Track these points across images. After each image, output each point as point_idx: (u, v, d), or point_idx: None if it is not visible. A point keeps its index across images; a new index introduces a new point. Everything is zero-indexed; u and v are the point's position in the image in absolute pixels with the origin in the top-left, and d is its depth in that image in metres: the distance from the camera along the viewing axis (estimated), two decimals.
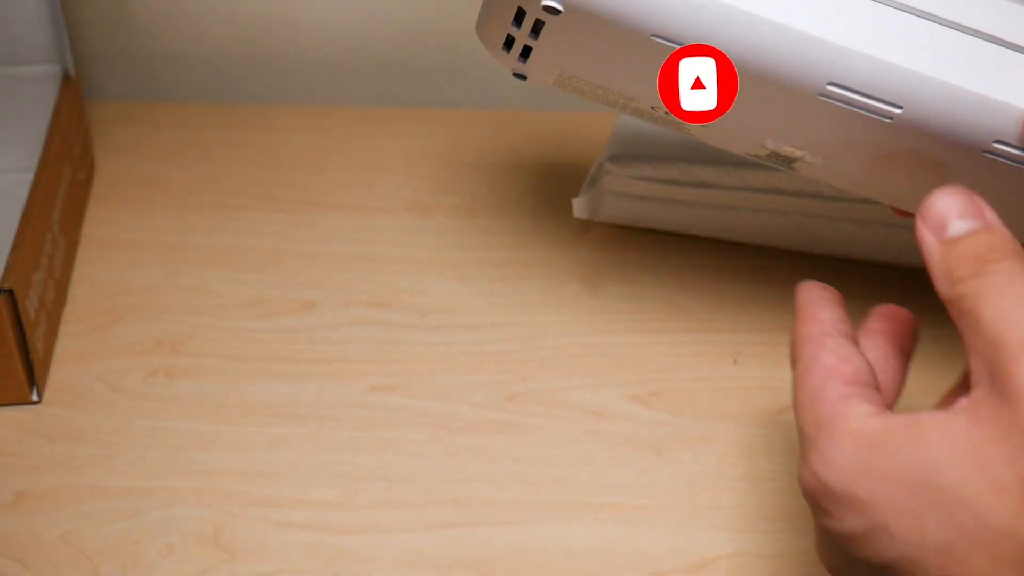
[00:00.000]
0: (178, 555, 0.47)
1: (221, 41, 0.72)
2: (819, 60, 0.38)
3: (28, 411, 0.53)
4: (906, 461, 0.33)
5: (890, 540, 0.33)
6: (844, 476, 0.34)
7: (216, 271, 0.60)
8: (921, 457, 0.33)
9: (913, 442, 0.33)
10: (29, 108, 0.62)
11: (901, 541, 0.33)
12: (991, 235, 0.35)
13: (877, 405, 0.36)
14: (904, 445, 0.33)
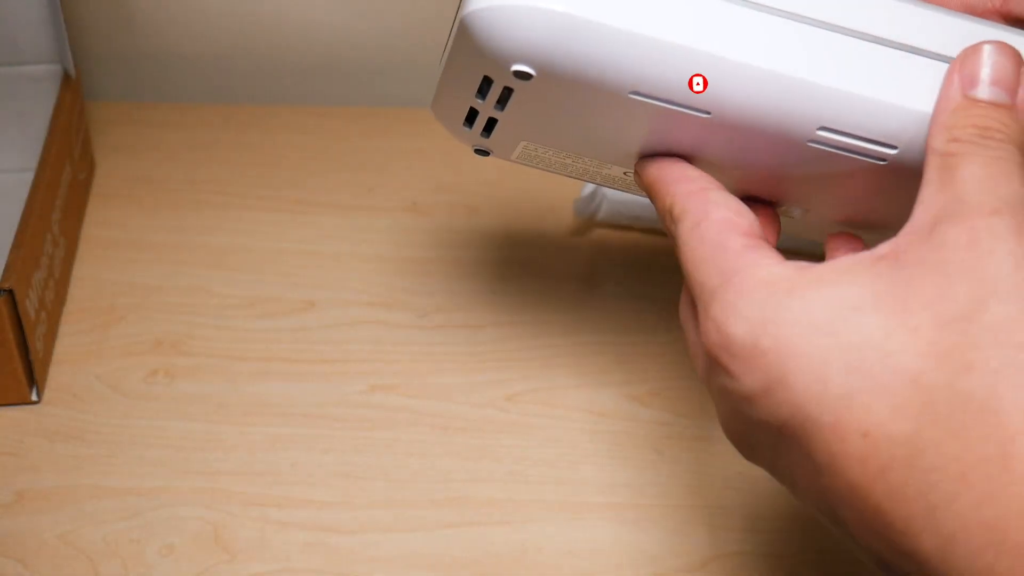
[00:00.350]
0: (178, 555, 0.47)
1: (221, 41, 0.72)
2: (808, 104, 0.36)
3: (28, 411, 0.53)
4: (819, 304, 0.32)
5: (787, 393, 0.32)
6: (751, 326, 0.33)
7: (216, 271, 0.60)
8: (836, 298, 0.32)
9: (828, 284, 0.32)
10: (29, 108, 0.62)
11: (799, 393, 0.31)
12: (1010, 117, 0.34)
13: (780, 255, 0.35)
14: (819, 287, 0.32)
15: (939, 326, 0.30)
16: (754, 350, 0.32)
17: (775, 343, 0.32)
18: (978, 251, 0.31)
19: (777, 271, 0.33)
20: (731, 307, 0.33)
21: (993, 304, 0.30)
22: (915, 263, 0.32)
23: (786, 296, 0.32)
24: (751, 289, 0.33)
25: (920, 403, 0.30)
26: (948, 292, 0.31)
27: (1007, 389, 0.29)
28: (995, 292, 0.30)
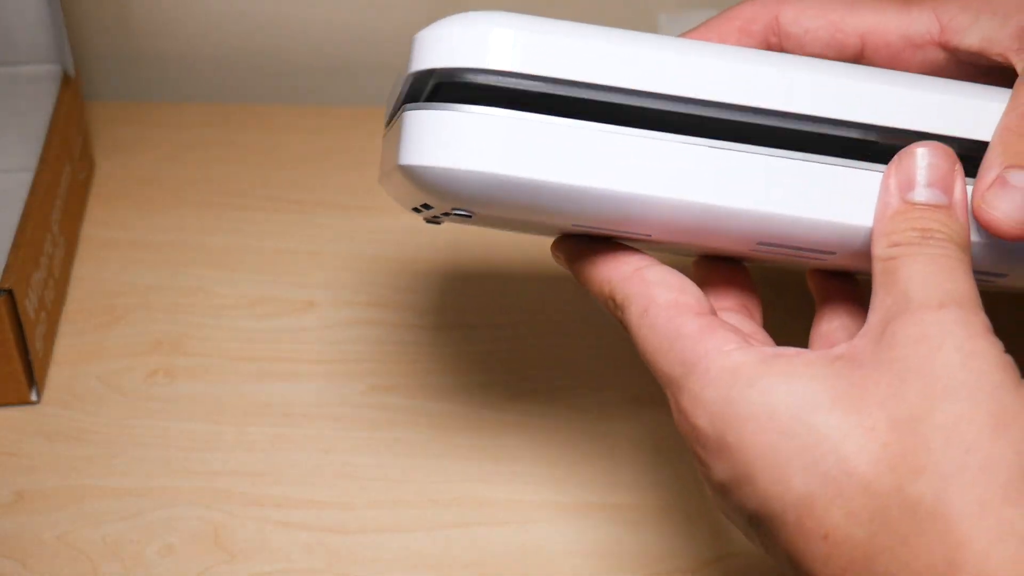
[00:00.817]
0: (178, 555, 0.47)
1: (221, 41, 0.72)
2: (743, 227, 0.36)
3: (27, 411, 0.53)
4: (780, 401, 0.32)
5: (754, 488, 0.32)
6: (717, 421, 0.33)
7: (216, 271, 0.60)
8: (795, 396, 0.32)
9: (786, 379, 0.32)
10: (29, 108, 0.62)
11: (763, 491, 0.32)
12: (949, 217, 0.34)
13: (738, 334, 0.35)
14: (777, 382, 0.32)
15: (893, 426, 0.31)
16: (721, 443, 0.33)
17: (739, 440, 0.33)
18: (927, 346, 0.31)
19: (738, 358, 0.33)
20: (697, 400, 0.34)
21: (943, 403, 0.30)
22: (870, 363, 0.32)
23: (747, 388, 0.33)
24: (714, 380, 0.33)
25: (873, 509, 0.30)
26: (901, 390, 0.31)
27: (955, 495, 0.30)
28: (945, 389, 0.31)
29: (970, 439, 0.30)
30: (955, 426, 0.30)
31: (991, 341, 0.32)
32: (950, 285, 0.33)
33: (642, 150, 0.35)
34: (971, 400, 0.30)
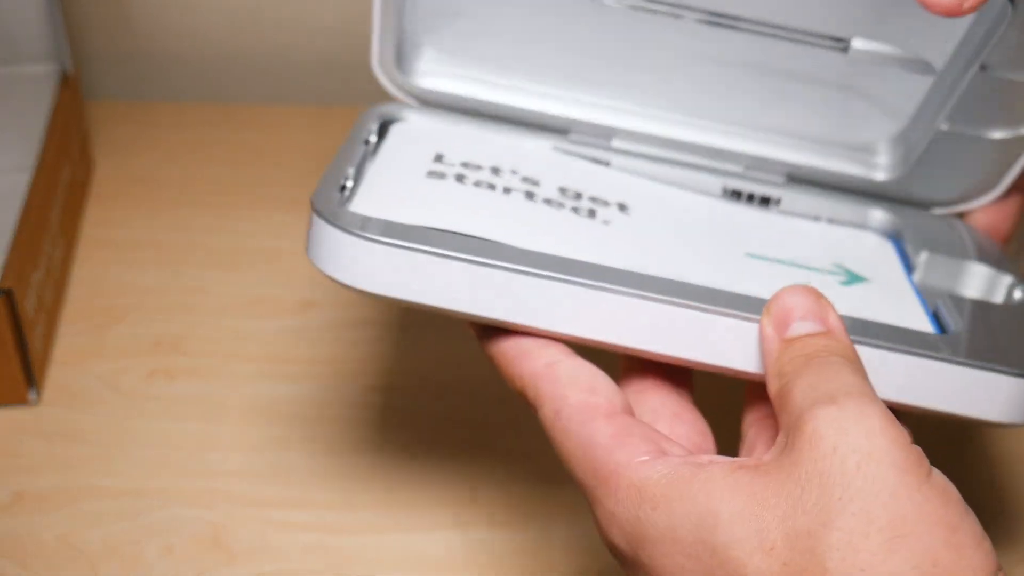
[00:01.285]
0: (178, 555, 0.47)
1: (221, 41, 0.72)
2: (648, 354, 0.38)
3: (27, 411, 0.53)
4: (681, 522, 0.32)
5: None
6: (629, 538, 0.33)
7: (216, 271, 0.60)
8: (697, 515, 0.32)
9: (690, 499, 0.32)
10: (28, 108, 0.62)
11: None
12: (829, 339, 0.35)
13: (651, 440, 0.35)
14: (680, 504, 0.32)
15: (791, 544, 0.30)
16: (636, 560, 0.33)
17: (651, 560, 0.33)
18: (822, 448, 0.31)
19: (645, 474, 0.33)
20: (611, 517, 0.34)
21: (839, 518, 0.30)
22: (773, 470, 0.32)
23: (652, 511, 0.33)
24: (623, 499, 0.33)
25: None
26: (800, 501, 0.31)
27: None
28: (840, 501, 0.30)
29: (864, 559, 0.30)
30: (849, 545, 0.30)
31: (890, 436, 0.31)
32: (840, 382, 0.33)
33: (536, 288, 0.37)
34: (866, 514, 0.30)
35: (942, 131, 0.46)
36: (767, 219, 0.47)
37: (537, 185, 0.44)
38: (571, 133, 0.49)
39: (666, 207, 0.46)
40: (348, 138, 0.44)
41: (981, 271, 0.44)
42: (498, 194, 0.42)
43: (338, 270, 0.38)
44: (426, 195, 0.41)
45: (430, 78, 0.49)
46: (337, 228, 0.37)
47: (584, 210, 0.43)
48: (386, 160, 0.44)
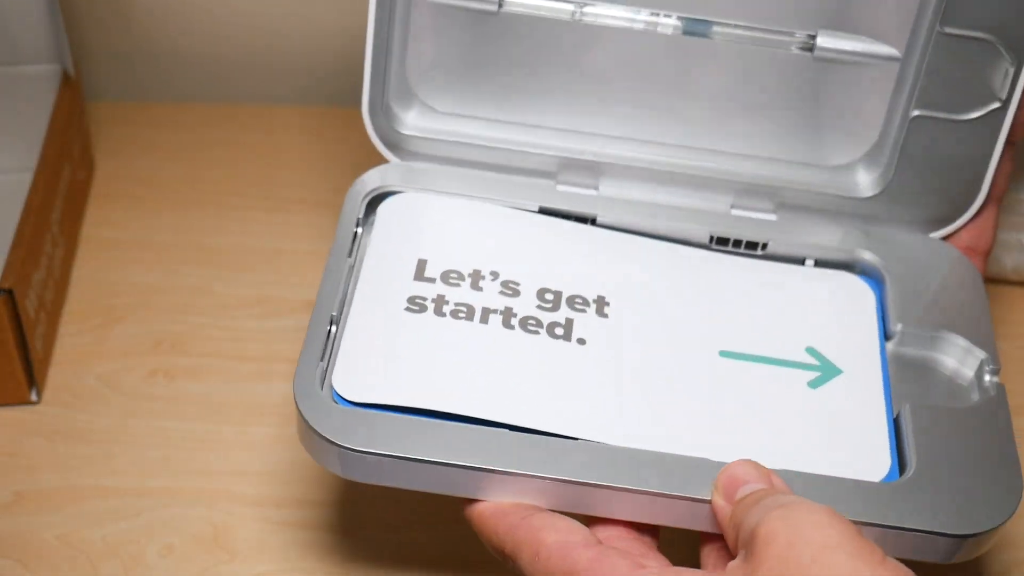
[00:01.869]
0: (178, 555, 0.47)
1: (221, 41, 0.72)
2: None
3: (27, 411, 0.53)
4: None
5: None
6: None
7: (216, 271, 0.60)
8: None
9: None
10: (28, 108, 0.62)
11: None
12: (775, 491, 0.37)
13: (628, 557, 0.37)
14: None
15: None
16: None
17: None
18: (779, 544, 0.34)
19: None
20: None
21: None
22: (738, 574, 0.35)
23: None
24: None
25: None
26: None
27: None
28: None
29: None
30: None
31: (840, 528, 0.34)
32: (787, 498, 0.36)
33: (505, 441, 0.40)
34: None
35: (916, 119, 0.47)
36: (750, 280, 0.48)
37: (517, 296, 0.46)
38: (559, 175, 0.50)
39: (645, 294, 0.47)
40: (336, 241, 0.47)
41: (956, 342, 0.45)
42: (476, 325, 0.44)
43: (329, 465, 0.41)
44: (405, 354, 0.43)
45: (418, 129, 0.51)
46: (324, 440, 0.40)
47: (561, 327, 0.45)
48: (366, 289, 0.45)
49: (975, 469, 0.40)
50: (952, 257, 0.49)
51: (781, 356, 0.45)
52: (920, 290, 0.47)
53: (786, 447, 0.42)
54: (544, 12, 0.48)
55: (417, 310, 0.45)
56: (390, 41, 0.49)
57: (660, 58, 0.49)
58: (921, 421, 0.42)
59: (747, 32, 0.48)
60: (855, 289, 0.48)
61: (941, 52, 0.46)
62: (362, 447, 0.39)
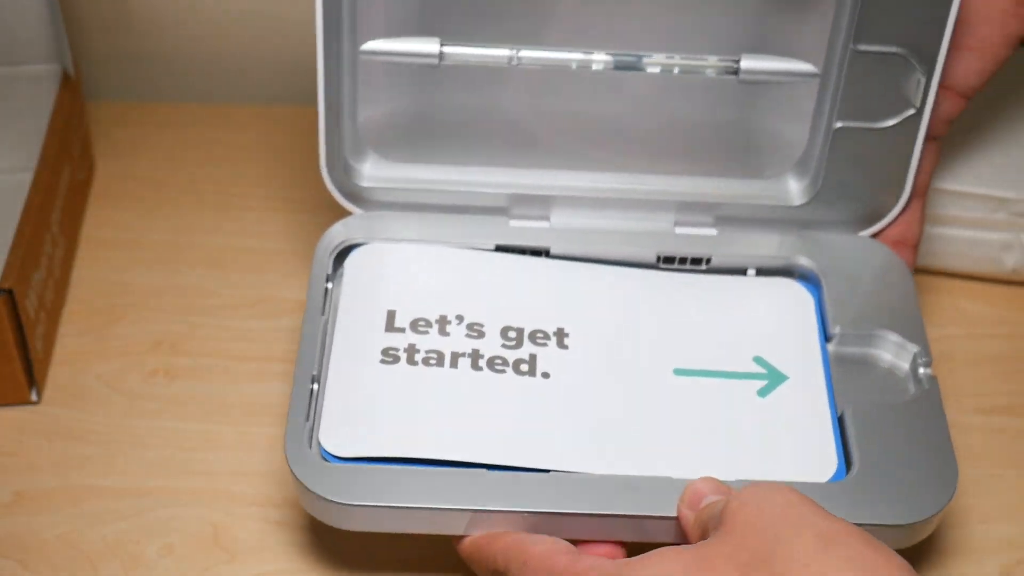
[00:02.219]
0: (178, 555, 0.47)
1: (221, 41, 0.72)
2: None
3: (27, 411, 0.53)
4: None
5: None
6: None
7: (216, 271, 0.60)
8: (656, 573, 0.38)
9: (647, 565, 0.38)
10: (28, 108, 0.62)
11: None
12: (737, 498, 0.39)
13: (603, 556, 0.41)
14: (642, 567, 0.38)
15: (743, 571, 0.36)
16: None
17: None
18: (750, 510, 0.38)
19: (608, 568, 0.39)
20: None
21: (778, 545, 0.36)
22: (713, 540, 0.39)
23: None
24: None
25: None
26: (742, 545, 0.37)
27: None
28: (777, 534, 0.37)
29: (805, 557, 0.36)
30: (790, 555, 0.36)
31: (804, 498, 0.38)
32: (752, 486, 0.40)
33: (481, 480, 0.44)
34: (798, 532, 0.37)
35: (839, 130, 0.50)
36: (698, 295, 0.51)
37: (482, 337, 0.49)
38: (511, 209, 0.53)
39: (601, 322, 0.50)
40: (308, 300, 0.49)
41: (890, 339, 0.48)
42: (447, 371, 0.47)
43: (325, 519, 0.44)
44: (384, 406, 0.46)
45: (375, 180, 0.53)
46: (320, 498, 0.43)
47: (525, 363, 0.48)
48: (342, 345, 0.48)
49: (915, 460, 0.44)
50: (882, 254, 0.52)
51: (731, 368, 0.48)
52: (855, 290, 0.50)
53: (741, 456, 0.45)
54: (483, 60, 0.51)
55: (391, 361, 0.48)
56: (340, 99, 0.52)
57: (597, 92, 0.52)
58: (863, 420, 0.45)
59: (674, 62, 0.51)
60: (795, 294, 0.51)
61: (856, 67, 0.49)
62: (355, 501, 0.43)
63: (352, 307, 0.49)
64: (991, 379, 0.55)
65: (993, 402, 0.54)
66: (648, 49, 0.50)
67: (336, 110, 0.51)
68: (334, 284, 0.51)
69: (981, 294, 0.59)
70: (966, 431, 0.53)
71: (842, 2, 0.49)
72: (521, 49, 0.51)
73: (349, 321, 0.49)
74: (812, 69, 0.50)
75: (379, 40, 0.50)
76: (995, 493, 0.50)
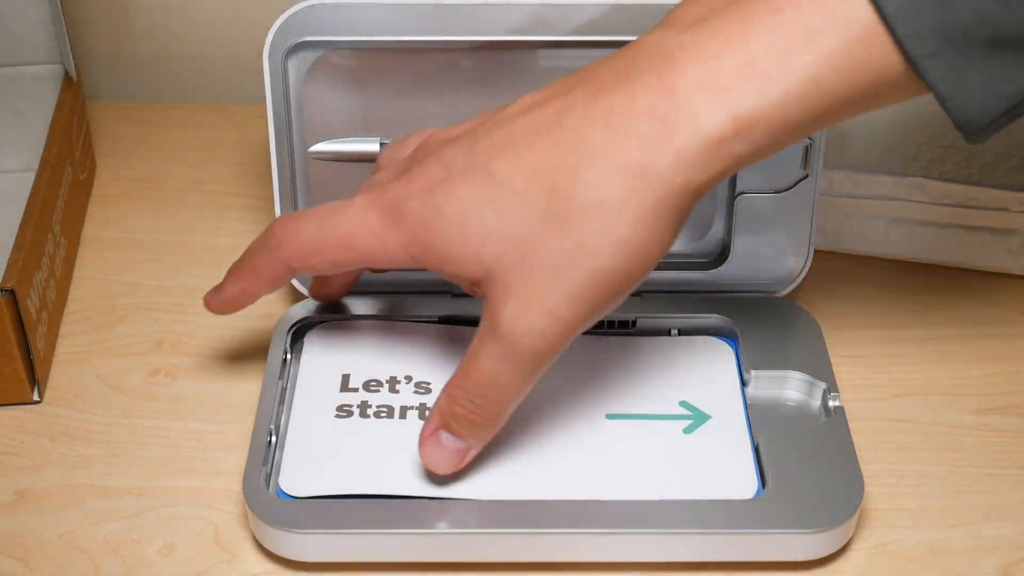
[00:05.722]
0: (178, 555, 0.48)
1: (221, 41, 0.72)
2: None
3: (29, 411, 0.53)
4: None
5: None
6: None
7: (216, 271, 0.60)
8: None
9: None
10: (30, 108, 0.62)
11: None
12: None
13: None
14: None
15: None
16: None
17: None
18: None
19: None
20: None
21: None
22: None
23: None
24: None
25: None
26: None
27: None
28: None
29: None
30: None
31: None
32: None
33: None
34: None
35: (740, 196, 0.54)
36: (627, 354, 0.54)
37: (429, 393, 0.52)
38: (453, 288, 0.54)
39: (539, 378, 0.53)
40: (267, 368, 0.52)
41: (800, 378, 0.52)
42: (396, 422, 0.50)
43: (279, 550, 0.47)
44: (339, 450, 0.49)
45: None
46: (276, 529, 0.46)
47: None
48: (303, 399, 0.51)
49: (824, 476, 0.47)
50: (792, 310, 0.56)
51: (659, 411, 0.51)
52: (768, 341, 0.54)
53: (669, 481, 0.48)
54: None
55: (345, 415, 0.51)
56: (295, 195, 0.56)
57: None
58: (776, 445, 0.49)
59: None
60: (716, 349, 0.54)
61: None
62: (309, 531, 0.46)
63: (310, 373, 0.53)
64: (991, 379, 0.55)
65: (993, 402, 0.54)
66: None
67: (290, 206, 0.56)
68: (292, 355, 0.54)
69: (981, 294, 0.59)
70: (965, 431, 0.53)
71: None
72: None
73: (308, 384, 0.52)
74: None
75: (325, 142, 0.55)
76: (995, 493, 0.50)
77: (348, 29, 0.53)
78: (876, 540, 0.48)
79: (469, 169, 0.42)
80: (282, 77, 0.53)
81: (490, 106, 0.54)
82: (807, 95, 0.38)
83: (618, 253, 0.41)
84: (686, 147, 0.39)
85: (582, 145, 0.40)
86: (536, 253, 0.41)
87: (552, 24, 0.52)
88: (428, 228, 0.43)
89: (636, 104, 0.40)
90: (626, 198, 0.40)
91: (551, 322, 0.42)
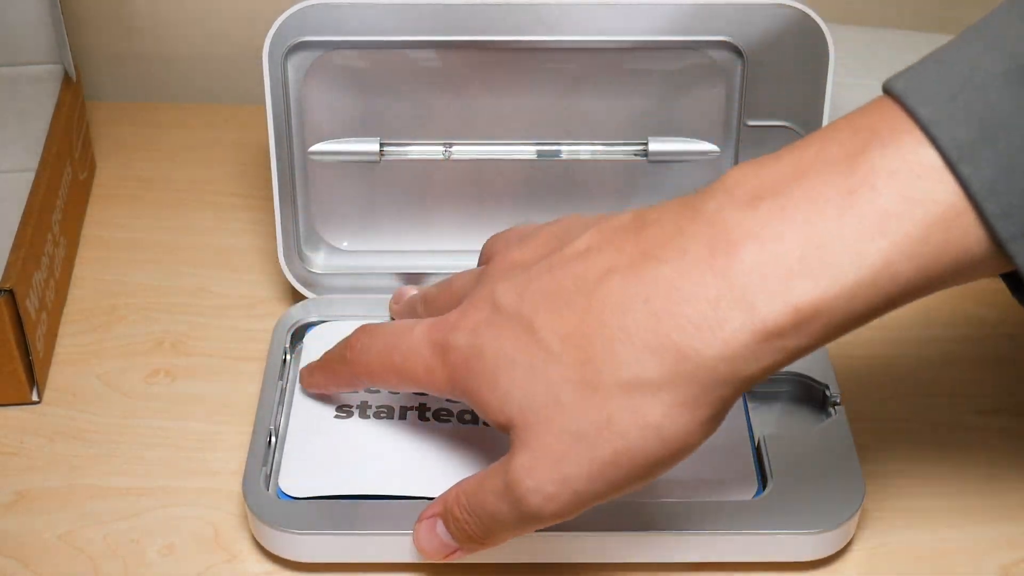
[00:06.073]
0: (178, 555, 0.48)
1: (222, 41, 0.72)
2: None
3: (28, 411, 0.53)
4: None
5: None
6: None
7: (216, 271, 0.60)
8: None
9: None
10: (30, 108, 0.62)
11: None
12: None
13: None
14: None
15: None
16: None
17: None
18: None
19: None
20: None
21: None
22: None
23: None
24: None
25: None
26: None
27: None
28: None
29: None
30: None
31: None
32: None
33: None
34: None
35: None
36: None
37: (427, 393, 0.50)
38: None
39: None
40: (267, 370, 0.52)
41: (800, 379, 0.52)
42: (395, 422, 0.50)
43: (280, 552, 0.47)
44: (339, 451, 0.49)
45: (328, 267, 0.57)
46: (275, 529, 0.46)
47: (469, 414, 0.51)
48: (302, 400, 0.51)
49: (825, 477, 0.47)
50: None
51: None
52: None
53: (670, 482, 0.46)
54: (419, 155, 0.56)
55: (345, 416, 0.50)
56: (294, 196, 0.56)
57: (525, 177, 0.57)
58: (777, 446, 0.49)
59: (590, 147, 0.56)
60: None
61: (750, 141, 0.55)
62: (308, 531, 0.46)
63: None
64: (992, 380, 0.55)
65: (995, 403, 0.54)
66: (566, 139, 0.56)
67: (291, 205, 0.56)
68: (292, 356, 0.54)
69: (985, 296, 0.59)
70: (967, 432, 0.53)
71: (732, 84, 0.53)
72: (453, 144, 0.55)
73: (302, 399, 0.52)
74: (712, 147, 0.55)
75: (325, 142, 0.55)
76: (995, 493, 0.50)
77: (348, 29, 0.53)
78: (877, 540, 0.48)
79: (514, 317, 0.40)
80: (282, 77, 0.53)
81: (489, 106, 0.55)
82: (878, 282, 0.35)
83: (649, 438, 0.38)
84: (735, 337, 0.36)
85: (622, 316, 0.38)
86: (562, 416, 0.39)
87: (552, 24, 0.52)
88: (469, 367, 0.42)
89: (684, 283, 0.37)
90: (662, 383, 0.37)
91: (562, 490, 0.39)
